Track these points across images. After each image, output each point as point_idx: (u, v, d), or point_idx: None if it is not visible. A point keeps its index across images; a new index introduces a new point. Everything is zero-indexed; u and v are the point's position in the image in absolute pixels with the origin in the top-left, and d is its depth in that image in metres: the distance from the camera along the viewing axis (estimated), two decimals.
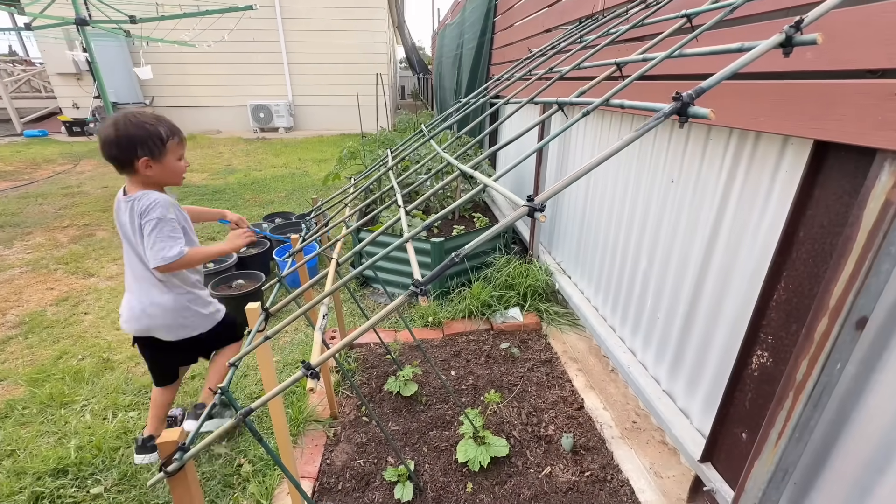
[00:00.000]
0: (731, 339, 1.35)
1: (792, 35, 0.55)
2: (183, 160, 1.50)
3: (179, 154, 1.48)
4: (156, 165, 1.41)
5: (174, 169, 1.47)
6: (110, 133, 1.37)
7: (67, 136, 9.19)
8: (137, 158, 1.38)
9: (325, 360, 0.64)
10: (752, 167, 1.26)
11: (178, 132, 1.48)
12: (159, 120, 1.43)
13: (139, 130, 1.37)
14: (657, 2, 1.32)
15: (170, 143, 1.43)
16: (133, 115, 1.40)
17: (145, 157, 1.39)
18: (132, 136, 1.36)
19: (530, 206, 0.58)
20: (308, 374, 0.62)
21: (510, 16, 3.47)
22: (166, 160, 1.43)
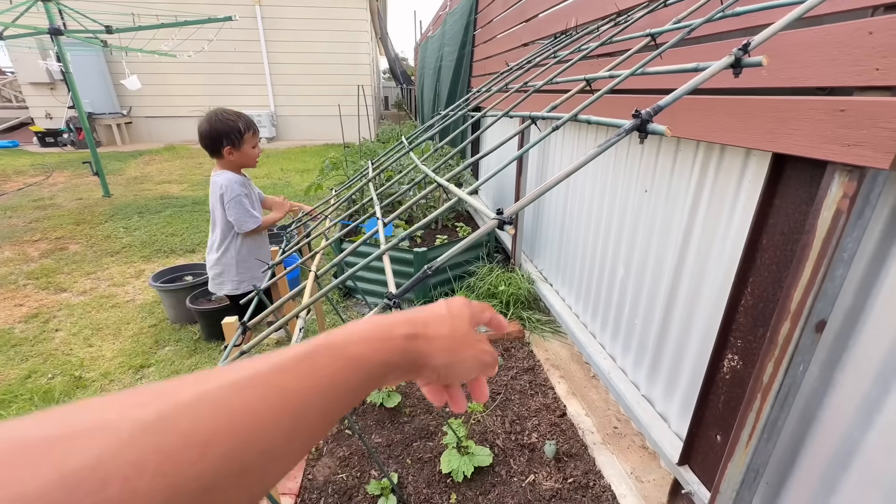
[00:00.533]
0: (704, 343, 1.40)
1: (740, 57, 0.59)
2: (256, 148, 1.90)
3: (253, 143, 1.87)
4: (236, 152, 1.82)
5: (249, 154, 1.87)
6: (205, 128, 1.78)
7: (40, 146, 8.94)
8: (223, 147, 1.78)
9: None
10: (719, 177, 1.31)
11: (253, 126, 1.86)
12: (239, 116, 1.80)
13: (224, 125, 1.76)
14: (626, 20, 1.38)
15: (246, 135, 1.82)
16: (221, 112, 1.79)
17: (228, 145, 1.79)
18: (219, 130, 1.76)
19: (500, 219, 0.60)
20: None
21: (490, 29, 3.55)
22: (244, 148, 1.83)
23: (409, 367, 0.33)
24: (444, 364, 0.36)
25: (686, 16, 0.99)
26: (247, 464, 0.20)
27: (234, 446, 0.20)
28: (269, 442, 0.22)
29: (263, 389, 0.22)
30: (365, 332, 0.30)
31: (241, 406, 0.21)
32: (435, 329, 0.36)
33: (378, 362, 0.30)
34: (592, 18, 1.76)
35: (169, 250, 3.89)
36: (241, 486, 0.20)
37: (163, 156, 8.28)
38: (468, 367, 0.39)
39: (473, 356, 0.39)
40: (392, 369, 0.32)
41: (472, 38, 4.01)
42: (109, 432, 0.17)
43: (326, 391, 0.26)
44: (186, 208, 5.09)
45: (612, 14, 1.56)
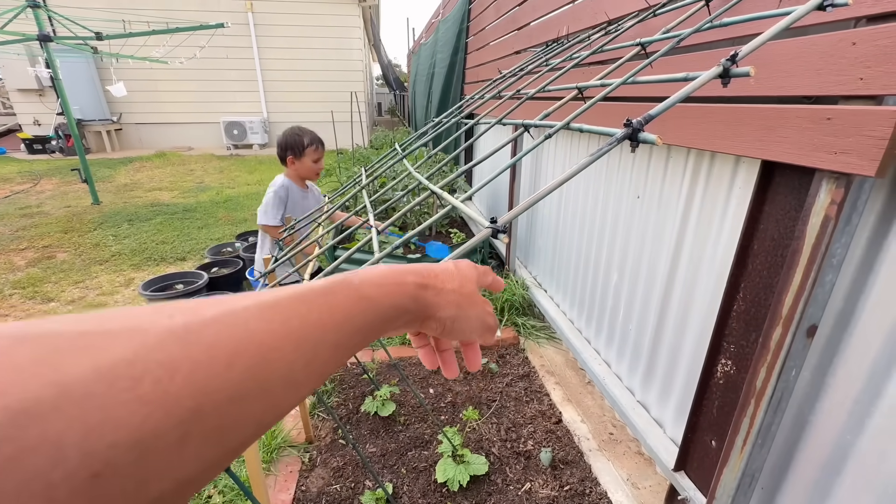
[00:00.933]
0: (698, 348, 1.40)
1: (728, 67, 0.60)
2: (319, 163, 2.13)
3: (315, 157, 2.10)
4: (297, 162, 2.09)
5: (309, 167, 2.10)
6: (279, 139, 2.10)
7: (27, 153, 8.83)
8: (287, 156, 2.08)
9: None
10: (710, 184, 1.33)
11: (318, 142, 2.10)
12: (307, 133, 2.08)
13: (291, 139, 2.06)
14: (616, 29, 1.39)
15: (308, 150, 2.06)
16: (294, 128, 2.10)
17: (291, 156, 2.07)
18: (287, 142, 2.07)
19: (494, 227, 0.60)
20: None
21: (482, 37, 3.58)
22: (304, 160, 2.08)
23: (417, 313, 0.34)
24: (450, 317, 0.37)
25: (675, 26, 1.00)
26: (269, 383, 0.21)
27: (256, 363, 0.20)
28: (289, 365, 0.22)
29: (285, 314, 0.23)
30: (379, 277, 0.32)
31: (263, 327, 0.22)
32: (444, 282, 0.37)
33: (389, 305, 0.31)
34: (584, 27, 1.78)
35: (159, 258, 3.85)
36: (263, 403, 0.21)
37: (153, 162, 8.21)
38: (472, 325, 0.39)
39: (477, 315, 0.40)
40: (402, 314, 0.33)
41: (465, 46, 4.04)
42: (143, 335, 0.17)
43: (342, 325, 0.27)
44: (177, 216, 5.04)
45: (603, 23, 1.58)
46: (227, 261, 3.23)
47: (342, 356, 0.27)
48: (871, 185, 0.84)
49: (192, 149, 9.93)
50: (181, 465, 0.17)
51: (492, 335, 0.43)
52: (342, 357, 0.27)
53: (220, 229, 4.59)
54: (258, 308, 0.22)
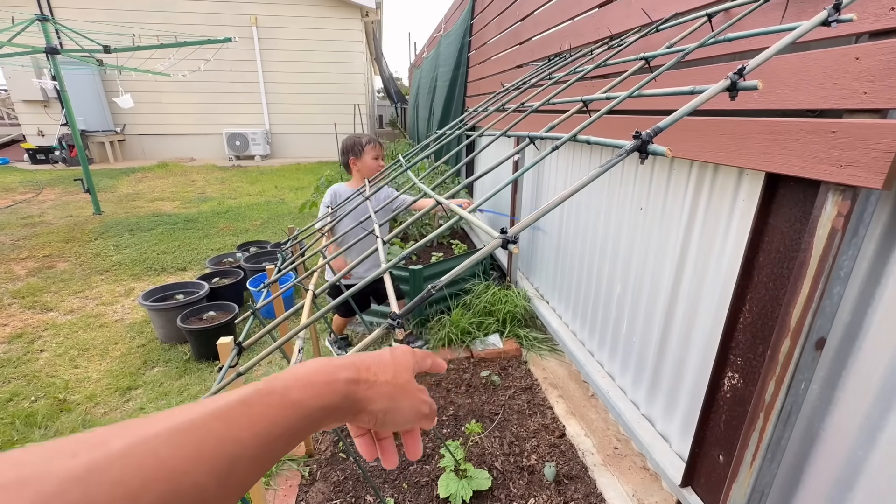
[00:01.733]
0: (704, 361, 1.39)
1: (736, 81, 0.60)
2: (379, 160, 2.22)
3: (374, 155, 2.20)
4: (359, 162, 2.20)
5: (369, 164, 2.19)
6: (340, 148, 2.28)
7: (31, 163, 8.87)
8: (349, 159, 2.21)
9: None
10: (713, 196, 1.33)
11: (375, 141, 2.22)
12: (363, 135, 2.22)
13: (350, 141, 2.21)
14: (619, 44, 1.41)
15: (367, 147, 2.18)
16: (352, 134, 2.24)
17: (353, 157, 2.20)
18: (346, 146, 2.22)
19: (504, 238, 0.60)
20: None
21: (484, 51, 3.64)
22: (364, 158, 2.19)
23: (348, 410, 0.34)
24: (383, 410, 0.36)
25: (678, 41, 1.02)
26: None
27: (166, 492, 0.20)
28: (202, 487, 0.22)
29: (199, 435, 0.23)
30: (308, 376, 0.31)
31: (173, 453, 0.21)
32: (376, 374, 0.36)
33: (317, 407, 0.30)
34: (586, 42, 1.81)
35: (160, 268, 3.84)
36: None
37: (155, 173, 8.25)
38: (406, 416, 0.39)
39: (411, 405, 0.39)
40: (332, 412, 0.32)
41: (467, 60, 4.10)
42: (38, 484, 0.17)
43: (262, 437, 0.26)
44: (178, 226, 5.04)
45: (606, 38, 1.61)
46: (227, 271, 3.22)
47: (262, 468, 0.26)
48: (878, 198, 0.84)
49: (195, 159, 9.99)
50: None
51: (429, 422, 0.42)
52: (261, 469, 0.26)
53: (222, 240, 4.59)
54: (170, 433, 0.22)
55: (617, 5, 1.58)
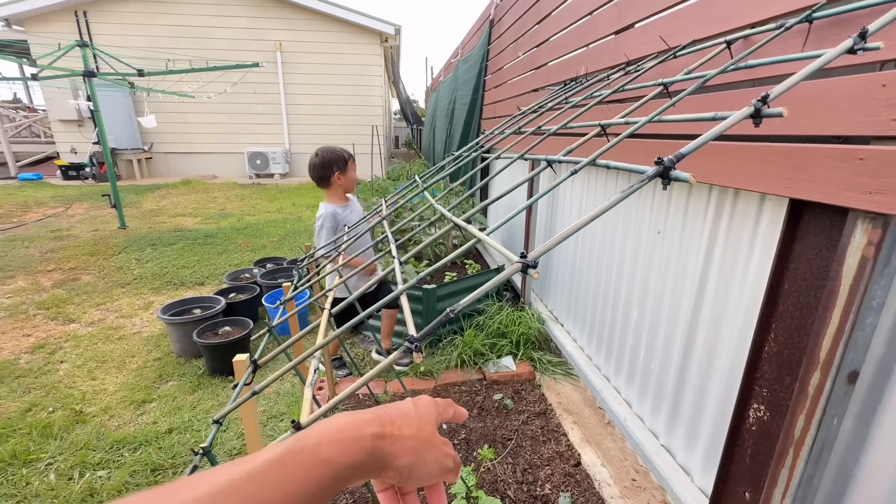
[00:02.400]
0: (727, 391, 1.34)
1: (760, 108, 0.60)
2: (355, 172, 2.23)
3: (355, 168, 2.23)
4: (343, 177, 2.16)
5: (352, 178, 2.21)
6: (316, 161, 2.14)
7: (62, 179, 9.26)
8: (333, 174, 2.13)
9: (315, 420, 0.62)
10: (734, 220, 1.31)
11: (352, 156, 2.22)
12: (341, 149, 2.17)
13: (333, 155, 2.13)
14: (636, 69, 1.43)
15: (349, 162, 2.18)
16: (328, 147, 2.17)
17: (338, 171, 2.14)
18: (330, 159, 2.12)
19: (524, 262, 0.59)
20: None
21: (500, 76, 3.71)
22: (349, 172, 2.18)
23: (374, 466, 0.34)
24: (408, 465, 0.36)
25: (697, 67, 1.02)
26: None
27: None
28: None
29: (236, 498, 0.25)
30: (336, 433, 0.32)
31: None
32: (401, 428, 0.36)
33: (346, 464, 0.31)
34: (602, 67, 1.83)
35: (179, 282, 3.92)
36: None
37: (179, 189, 8.51)
38: (430, 471, 0.38)
39: (436, 460, 0.39)
40: (358, 469, 0.32)
41: (483, 84, 4.18)
42: None
43: (294, 498, 0.27)
44: (199, 241, 5.16)
45: (622, 64, 1.62)
46: (244, 287, 3.27)
47: None
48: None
49: (217, 177, 10.29)
50: None
51: (453, 476, 0.42)
52: None
53: (239, 255, 4.68)
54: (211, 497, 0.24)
55: (633, 32, 1.60)
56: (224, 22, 9.39)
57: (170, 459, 1.90)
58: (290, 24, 9.63)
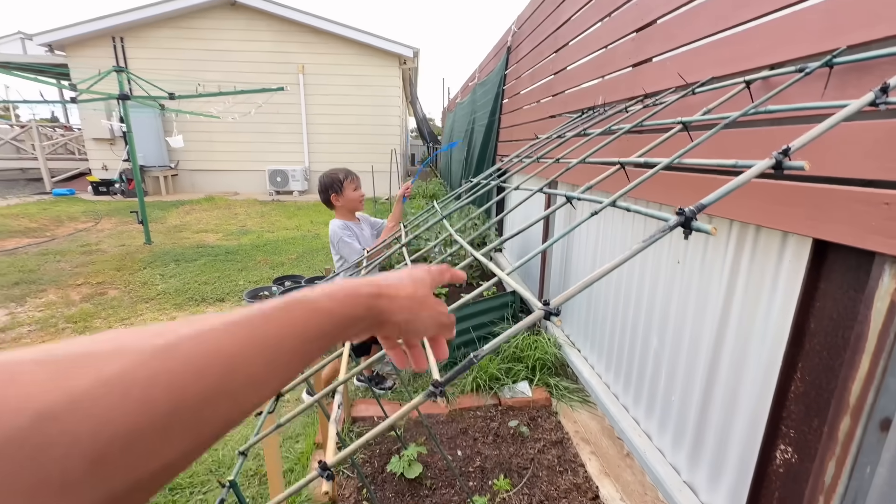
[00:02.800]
0: (752, 429, 1.31)
1: (781, 160, 0.61)
2: (358, 191, 2.26)
3: (353, 187, 2.24)
4: (341, 198, 2.22)
5: (351, 197, 2.24)
6: (318, 186, 2.27)
7: (93, 194, 9.65)
8: (331, 195, 2.21)
9: (342, 459, 0.63)
10: (756, 254, 1.30)
11: (352, 175, 2.26)
12: (339, 170, 2.23)
13: (328, 179, 2.22)
14: (654, 102, 1.45)
15: (345, 182, 2.21)
16: (326, 172, 2.25)
17: (334, 193, 2.21)
18: (325, 183, 2.22)
19: (547, 310, 0.61)
20: (324, 474, 0.61)
21: (517, 100, 3.77)
22: (345, 193, 2.22)
23: (373, 321, 0.39)
24: (405, 320, 0.42)
25: (715, 107, 1.03)
26: (234, 386, 0.25)
27: (224, 371, 0.25)
28: (251, 369, 0.27)
29: (249, 328, 0.28)
30: (334, 291, 0.36)
31: (229, 340, 0.26)
32: (397, 290, 0.41)
33: (343, 315, 0.35)
34: (620, 98, 1.85)
35: (200, 299, 4.01)
36: (230, 403, 0.25)
37: (202, 206, 8.77)
38: (426, 325, 0.44)
39: (430, 316, 0.44)
40: (357, 322, 0.37)
41: (501, 107, 4.26)
42: (132, 354, 0.22)
43: (299, 335, 0.31)
44: (220, 258, 5.30)
45: (640, 96, 1.65)
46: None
47: (301, 360, 0.31)
48: None
49: (238, 193, 10.59)
50: (164, 453, 0.21)
51: (449, 331, 0.48)
52: (302, 362, 0.31)
53: (258, 272, 4.78)
54: (225, 325, 0.27)
55: (651, 66, 1.63)
56: (251, 46, 9.80)
57: (188, 479, 1.93)
58: (313, 47, 10.00)
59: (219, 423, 0.24)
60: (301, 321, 0.31)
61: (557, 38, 2.75)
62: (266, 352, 0.28)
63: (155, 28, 9.50)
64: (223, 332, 0.26)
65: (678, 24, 1.48)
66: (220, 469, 2.00)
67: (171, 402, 0.21)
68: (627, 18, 1.82)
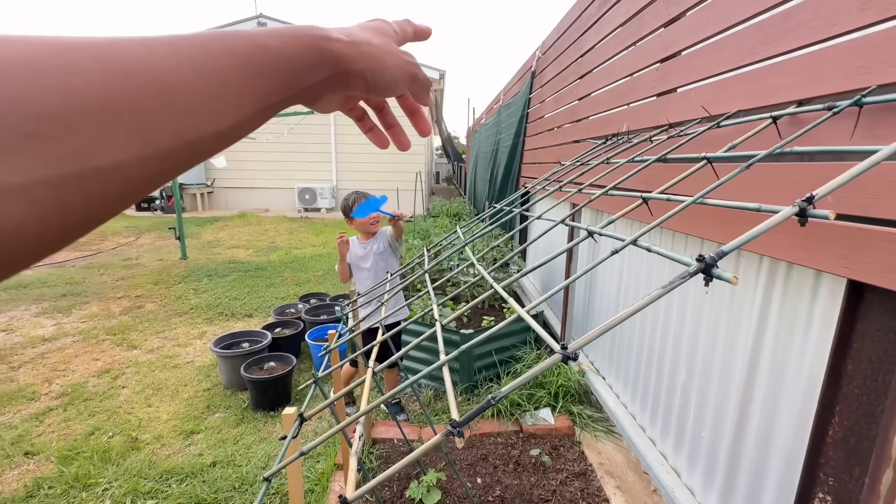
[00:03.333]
0: (788, 473, 1.24)
1: (805, 208, 0.61)
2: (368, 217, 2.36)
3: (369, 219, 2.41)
4: (352, 223, 2.47)
5: (359, 223, 2.43)
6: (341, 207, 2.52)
7: (135, 210, 10.22)
8: (347, 219, 2.47)
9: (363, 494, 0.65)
10: (789, 289, 1.26)
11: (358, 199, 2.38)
12: (350, 197, 2.44)
13: (342, 205, 2.49)
14: (679, 133, 1.44)
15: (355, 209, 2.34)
16: (345, 197, 2.48)
17: (347, 218, 2.46)
18: (342, 207, 2.49)
19: (565, 354, 0.62)
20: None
21: (541, 124, 3.80)
22: (354, 220, 2.42)
23: (332, 69, 0.33)
24: (369, 69, 0.36)
25: (741, 142, 1.03)
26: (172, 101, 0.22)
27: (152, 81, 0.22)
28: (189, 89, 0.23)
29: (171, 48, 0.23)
30: (279, 29, 0.30)
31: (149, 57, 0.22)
32: (353, 35, 0.35)
33: (293, 56, 0.30)
34: (644, 127, 1.85)
35: (230, 314, 4.15)
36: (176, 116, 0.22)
37: (235, 222, 9.14)
38: (394, 75, 0.38)
39: (398, 65, 0.39)
40: (312, 68, 0.31)
41: (525, 130, 4.30)
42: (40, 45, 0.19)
43: (238, 67, 0.26)
44: (250, 273, 5.48)
45: (665, 125, 1.64)
46: (289, 322, 3.41)
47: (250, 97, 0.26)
48: None
49: (269, 210, 10.98)
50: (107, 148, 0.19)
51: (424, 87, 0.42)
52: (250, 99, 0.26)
53: (285, 289, 4.91)
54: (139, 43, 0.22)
55: (676, 97, 1.63)
56: None
57: (212, 494, 1.97)
58: None
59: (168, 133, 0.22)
60: (239, 52, 0.26)
61: (581, 64, 2.78)
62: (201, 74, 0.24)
63: None
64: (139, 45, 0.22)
65: (703, 56, 1.49)
66: (243, 486, 2.04)
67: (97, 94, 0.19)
68: (651, 49, 1.84)
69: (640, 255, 2.19)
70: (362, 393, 1.05)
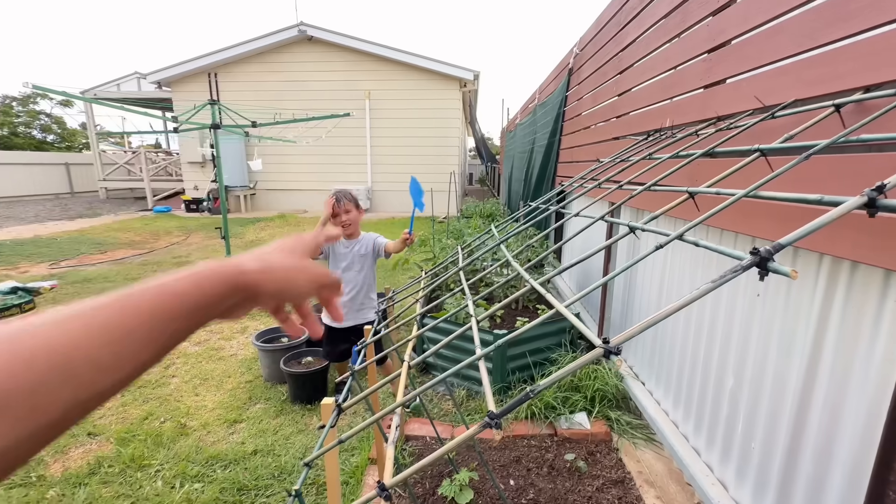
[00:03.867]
0: (851, 489, 1.15)
1: (874, 198, 0.56)
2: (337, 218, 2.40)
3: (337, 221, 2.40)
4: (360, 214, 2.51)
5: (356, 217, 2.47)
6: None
7: (185, 211, 10.85)
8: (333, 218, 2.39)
9: (401, 481, 0.65)
10: (853, 292, 1.16)
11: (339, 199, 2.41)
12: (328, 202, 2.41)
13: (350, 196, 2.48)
14: (728, 126, 1.37)
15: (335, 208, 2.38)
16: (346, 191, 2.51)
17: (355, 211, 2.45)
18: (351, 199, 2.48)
19: (607, 348, 0.60)
20: (382, 495, 0.64)
21: (578, 122, 3.72)
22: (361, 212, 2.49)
23: (242, 296, 0.38)
24: (278, 290, 0.42)
25: (799, 132, 0.96)
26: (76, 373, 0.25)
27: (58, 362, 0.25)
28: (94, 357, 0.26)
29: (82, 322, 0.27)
30: (193, 272, 0.35)
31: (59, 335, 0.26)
32: (268, 261, 0.41)
33: (202, 295, 0.34)
34: (689, 121, 1.77)
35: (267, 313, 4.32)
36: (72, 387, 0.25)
37: (275, 223, 9.51)
38: (303, 289, 0.44)
39: (307, 279, 0.44)
40: (222, 300, 0.36)
41: (561, 128, 4.22)
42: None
43: (145, 322, 0.30)
44: None
45: (712, 118, 1.56)
46: None
47: (159, 341, 0.31)
48: None
49: (307, 211, 11.35)
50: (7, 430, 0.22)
51: (333, 290, 0.48)
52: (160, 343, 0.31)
53: None
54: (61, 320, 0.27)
55: (724, 88, 1.55)
56: (323, 76, 10.64)
57: (253, 481, 2.06)
58: (379, 74, 10.63)
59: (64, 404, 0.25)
60: (148, 305, 0.31)
61: (622, 59, 2.70)
62: (108, 339, 0.27)
63: (244, 64, 10.64)
64: (54, 326, 0.26)
65: (755, 43, 1.40)
66: (282, 474, 2.12)
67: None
68: (698, 39, 1.75)
69: (682, 255, 2.09)
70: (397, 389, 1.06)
